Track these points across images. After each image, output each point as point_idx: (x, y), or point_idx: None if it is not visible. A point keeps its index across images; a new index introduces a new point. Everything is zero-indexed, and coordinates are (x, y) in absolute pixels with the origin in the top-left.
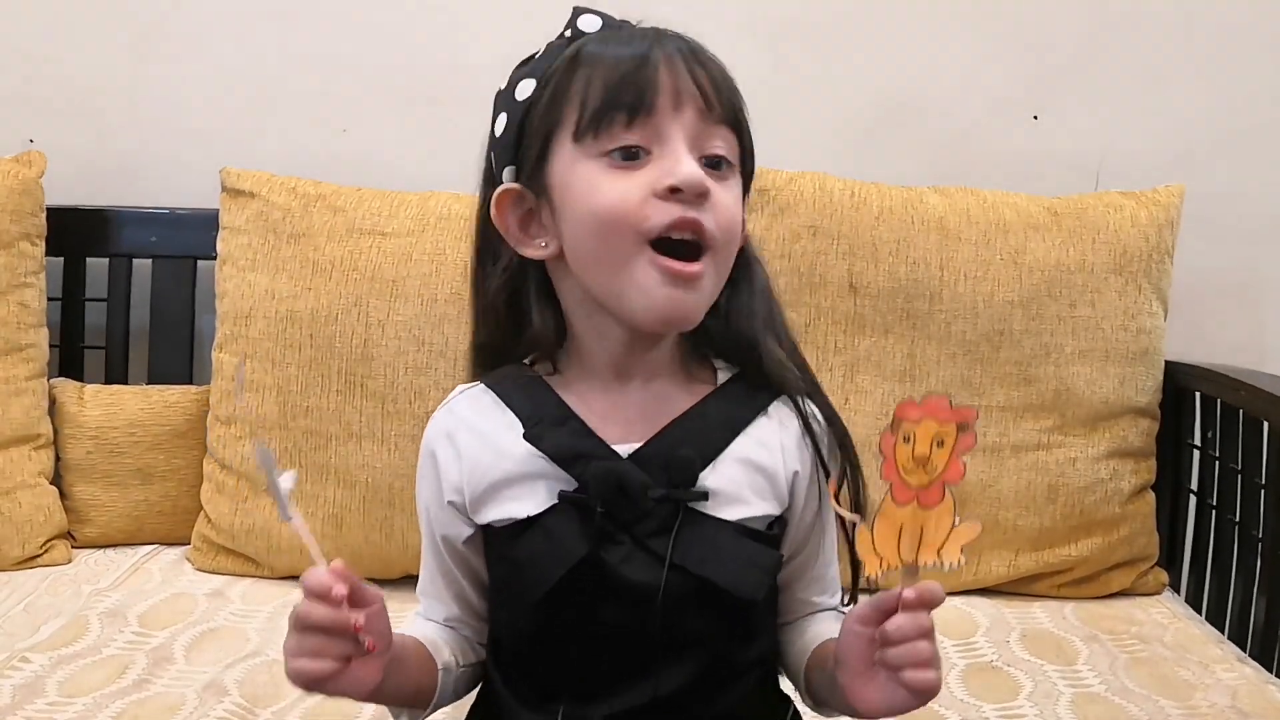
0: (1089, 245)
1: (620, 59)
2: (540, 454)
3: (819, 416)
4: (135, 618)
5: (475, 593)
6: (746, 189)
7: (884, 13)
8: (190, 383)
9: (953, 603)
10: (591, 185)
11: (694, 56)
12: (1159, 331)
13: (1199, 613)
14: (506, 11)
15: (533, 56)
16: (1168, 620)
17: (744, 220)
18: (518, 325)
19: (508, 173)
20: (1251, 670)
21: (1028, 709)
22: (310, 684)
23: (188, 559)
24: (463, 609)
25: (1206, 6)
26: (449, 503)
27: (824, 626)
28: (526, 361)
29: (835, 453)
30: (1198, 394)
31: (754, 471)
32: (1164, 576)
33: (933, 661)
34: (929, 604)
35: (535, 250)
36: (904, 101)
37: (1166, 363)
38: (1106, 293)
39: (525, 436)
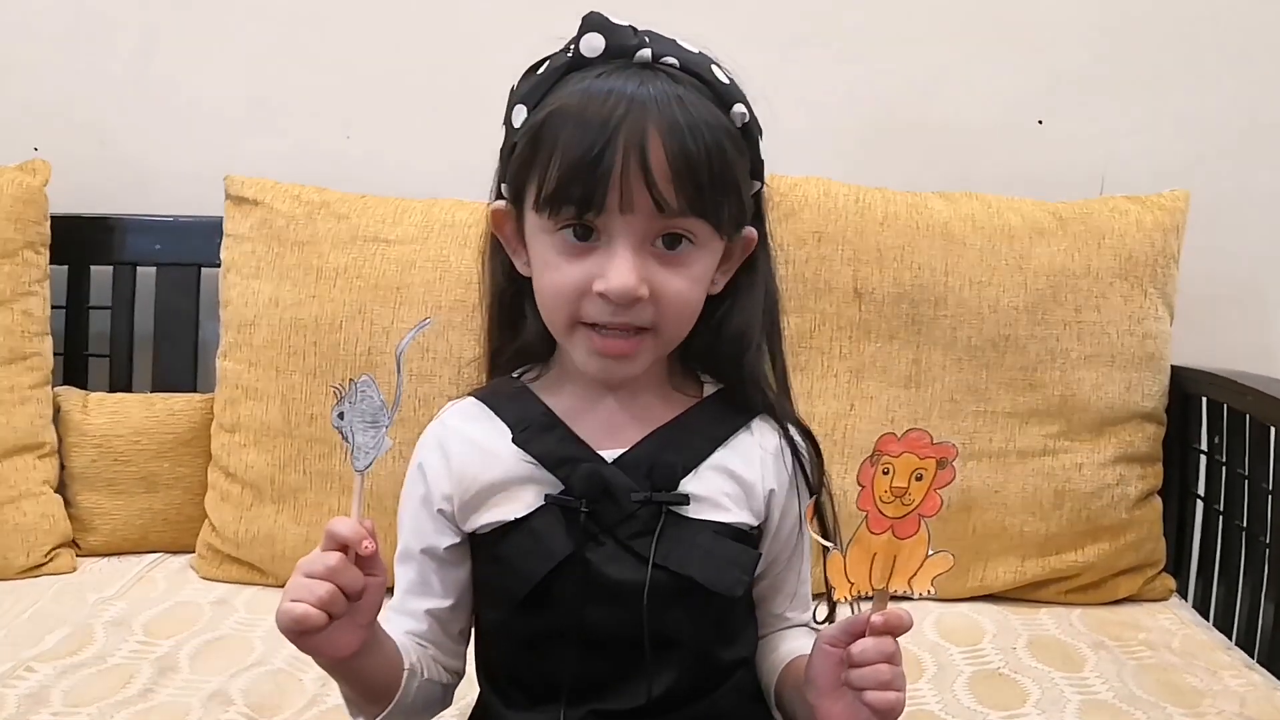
0: (1094, 250)
1: (578, 145)
2: (528, 458)
3: (799, 440)
4: (140, 626)
5: (449, 609)
6: (742, 224)
7: (888, 18)
8: (195, 390)
9: (959, 609)
10: (545, 260)
11: (659, 148)
12: (1165, 336)
13: (1206, 619)
14: (512, 17)
15: (541, 64)
16: (1175, 626)
17: (764, 249)
18: (515, 327)
19: (504, 188)
20: (1260, 677)
21: (1035, 716)
22: (302, 630)
23: (192, 567)
24: (432, 626)
25: (1212, 11)
26: (438, 511)
27: (796, 643)
28: (515, 375)
29: (815, 475)
30: (1204, 399)
31: (733, 482)
32: (1171, 582)
33: (894, 684)
34: (895, 630)
35: (521, 266)
36: (908, 107)
37: (1172, 368)
38: (1112, 298)
39: (514, 441)
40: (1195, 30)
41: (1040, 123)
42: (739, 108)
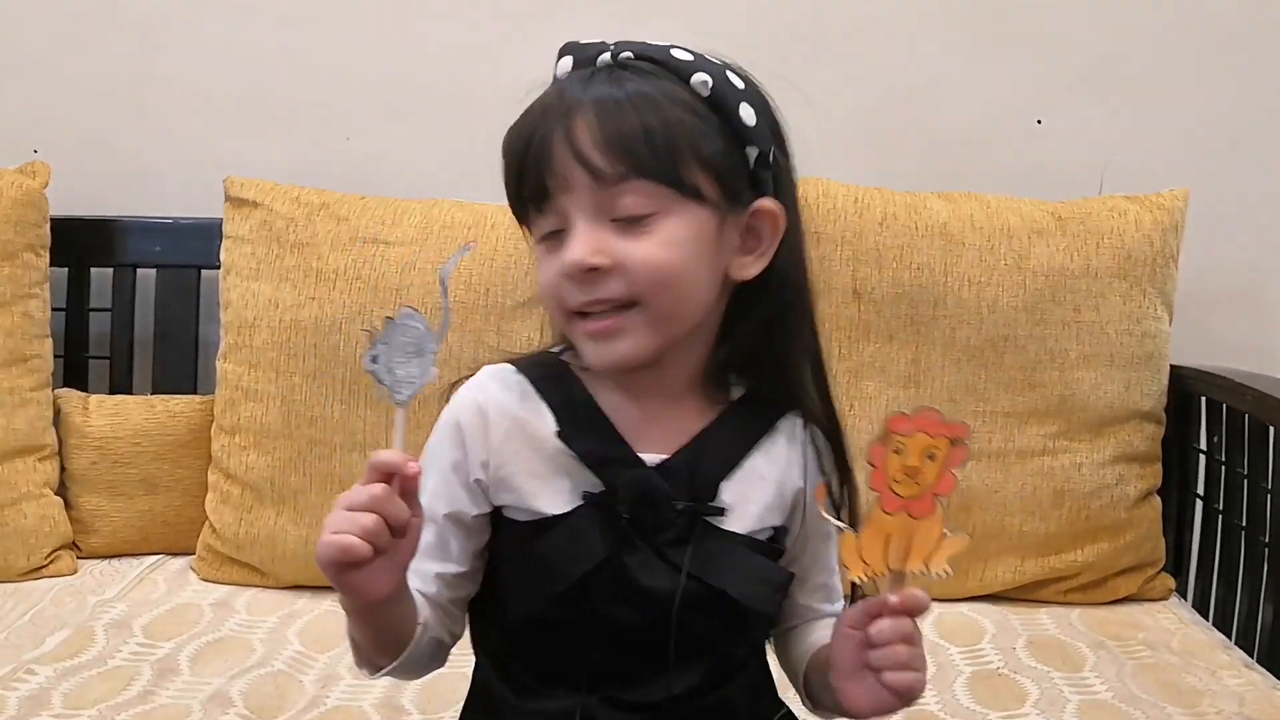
0: (1093, 250)
1: (512, 151)
2: (570, 453)
3: (822, 436)
4: (140, 628)
5: (460, 576)
6: (737, 193)
7: (887, 17)
8: (195, 392)
9: (959, 609)
10: (540, 264)
11: (586, 122)
12: (1164, 336)
13: (1206, 618)
14: (509, 21)
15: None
16: (1174, 626)
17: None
18: None
19: None
20: (1259, 676)
21: (1034, 716)
22: (347, 561)
23: (192, 569)
24: (440, 590)
25: (1211, 11)
26: (474, 481)
27: (824, 633)
28: (556, 350)
29: (836, 470)
30: (1203, 399)
31: (762, 484)
32: (1171, 582)
33: (912, 664)
34: (912, 610)
35: None
36: (907, 106)
37: (1171, 367)
38: (1111, 297)
39: (558, 435)
40: (1195, 30)
41: (1040, 122)
42: (699, 76)
